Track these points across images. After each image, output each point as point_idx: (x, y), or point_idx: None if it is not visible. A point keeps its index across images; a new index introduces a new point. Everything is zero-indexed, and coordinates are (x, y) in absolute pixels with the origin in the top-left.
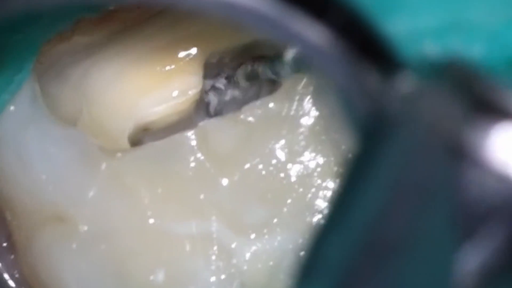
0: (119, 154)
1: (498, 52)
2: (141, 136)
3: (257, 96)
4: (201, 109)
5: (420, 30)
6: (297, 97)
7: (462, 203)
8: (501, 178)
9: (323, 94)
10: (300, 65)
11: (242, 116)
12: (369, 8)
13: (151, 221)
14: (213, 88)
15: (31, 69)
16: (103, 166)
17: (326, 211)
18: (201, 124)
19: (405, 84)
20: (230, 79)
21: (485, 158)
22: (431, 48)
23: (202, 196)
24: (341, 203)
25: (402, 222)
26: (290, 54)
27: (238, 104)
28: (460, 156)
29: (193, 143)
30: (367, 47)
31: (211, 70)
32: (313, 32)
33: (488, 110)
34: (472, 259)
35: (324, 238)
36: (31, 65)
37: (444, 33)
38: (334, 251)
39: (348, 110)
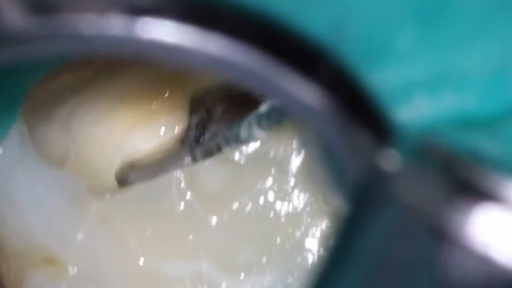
0: (107, 196)
1: (490, 102)
2: (126, 174)
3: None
4: (187, 145)
5: (410, 82)
6: (285, 138)
7: (444, 284)
8: (482, 259)
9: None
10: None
11: (230, 156)
12: (356, 60)
13: (141, 262)
14: (198, 124)
15: (20, 111)
16: (92, 208)
17: (315, 251)
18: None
19: (390, 161)
20: (212, 115)
21: (466, 239)
22: (423, 102)
23: (191, 237)
24: (327, 273)
25: None
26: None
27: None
28: (442, 237)
29: (182, 183)
30: (356, 104)
31: (197, 106)
32: (302, 89)
33: (468, 192)
34: None
35: None
36: (19, 108)
37: (435, 84)
38: None
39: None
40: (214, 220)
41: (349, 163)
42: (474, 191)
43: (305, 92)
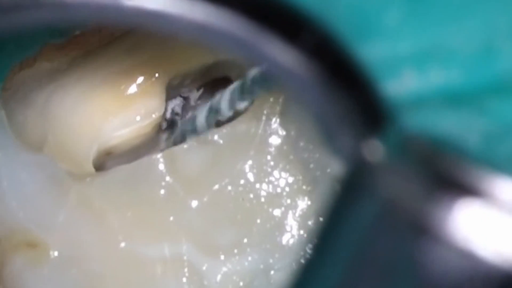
0: (87, 179)
1: (476, 79)
2: (104, 160)
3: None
4: (163, 131)
5: (398, 57)
6: (264, 118)
7: (426, 280)
8: (464, 254)
9: (290, 113)
10: (267, 85)
11: (209, 138)
12: (345, 32)
13: (122, 245)
14: (173, 110)
15: None
16: (72, 191)
17: (295, 231)
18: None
19: (374, 152)
20: (188, 101)
21: (448, 234)
22: (410, 76)
23: (171, 218)
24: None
25: None
26: (253, 73)
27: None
28: (423, 232)
29: (162, 166)
30: (342, 73)
31: (173, 92)
32: (286, 55)
33: (450, 186)
34: None
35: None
36: None
37: (423, 60)
38: None
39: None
40: (194, 202)
41: (336, 135)
42: (455, 186)
43: (289, 58)
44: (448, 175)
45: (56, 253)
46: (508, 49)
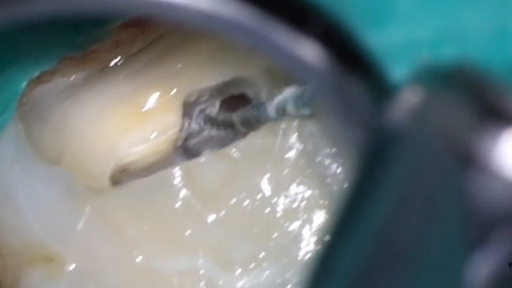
0: (104, 192)
1: (495, 59)
2: (120, 177)
3: (235, 136)
4: (180, 148)
5: (413, 41)
6: (281, 132)
7: (472, 211)
8: (511, 185)
9: (307, 128)
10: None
11: (227, 152)
12: (358, 20)
13: (138, 258)
14: (191, 127)
15: (15, 109)
16: (89, 204)
17: (312, 245)
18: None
19: (409, 97)
20: (207, 118)
21: (495, 165)
22: (428, 60)
23: (188, 232)
24: (349, 213)
25: (411, 230)
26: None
27: (216, 143)
28: (470, 163)
29: (179, 179)
30: (353, 59)
31: (189, 109)
32: (294, 43)
33: (497, 117)
34: (483, 267)
35: (333, 248)
36: (14, 105)
37: (440, 43)
38: (343, 260)
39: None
40: (211, 215)
41: (349, 118)
42: (502, 117)
43: (297, 45)
44: (494, 106)
45: (72, 267)
46: None
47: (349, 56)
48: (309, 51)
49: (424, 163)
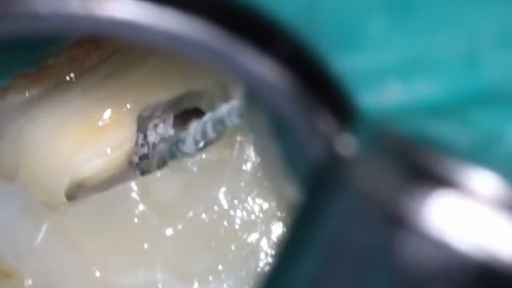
0: (61, 208)
1: (462, 88)
2: (76, 192)
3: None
4: (134, 163)
5: (381, 68)
6: (237, 145)
7: (401, 270)
8: (439, 244)
9: (263, 141)
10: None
11: (183, 165)
12: (326, 45)
13: (97, 273)
14: (146, 141)
15: None
16: (46, 220)
17: (270, 257)
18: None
19: (348, 146)
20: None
21: (423, 225)
22: (395, 88)
23: (146, 246)
24: (282, 260)
25: (340, 285)
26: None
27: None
28: (398, 223)
29: (135, 194)
30: (317, 83)
31: (143, 123)
32: (259, 65)
33: (425, 178)
34: None
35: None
36: None
37: (407, 71)
38: None
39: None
40: (169, 229)
41: (308, 143)
42: (430, 177)
43: (262, 67)
44: (422, 166)
45: (30, 282)
46: (492, 60)
47: (314, 79)
48: (274, 72)
49: (354, 219)
